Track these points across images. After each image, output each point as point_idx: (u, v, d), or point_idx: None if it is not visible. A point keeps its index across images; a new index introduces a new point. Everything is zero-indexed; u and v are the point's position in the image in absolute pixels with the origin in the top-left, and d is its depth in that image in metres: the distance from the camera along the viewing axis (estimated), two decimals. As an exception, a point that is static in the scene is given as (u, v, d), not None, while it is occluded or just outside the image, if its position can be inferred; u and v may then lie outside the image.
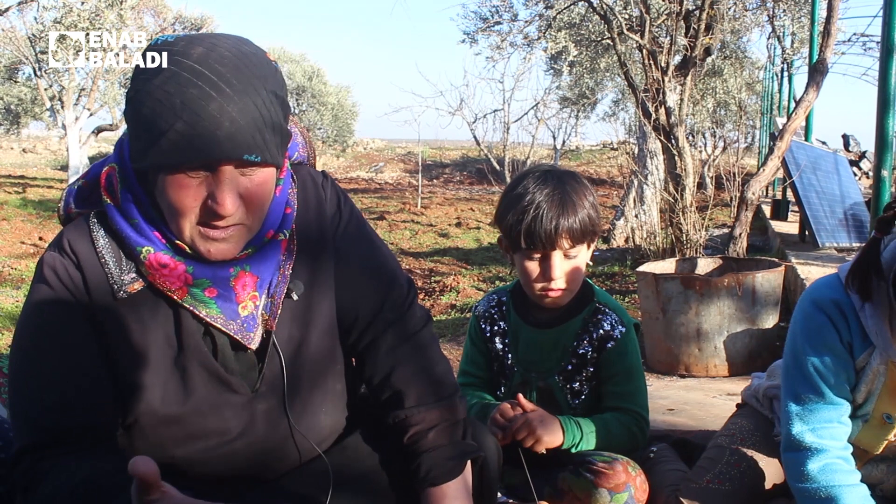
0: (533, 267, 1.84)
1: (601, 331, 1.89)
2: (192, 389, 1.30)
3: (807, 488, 1.57)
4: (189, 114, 1.14)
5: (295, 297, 1.35)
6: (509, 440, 1.77)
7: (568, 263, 1.83)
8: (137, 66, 1.21)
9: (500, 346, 1.99)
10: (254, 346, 1.32)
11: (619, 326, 1.90)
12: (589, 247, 1.88)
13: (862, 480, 1.59)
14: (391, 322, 1.44)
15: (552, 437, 1.79)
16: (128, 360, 1.27)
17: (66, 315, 1.25)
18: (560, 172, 1.88)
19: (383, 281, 1.46)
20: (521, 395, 1.83)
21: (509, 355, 1.97)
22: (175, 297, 1.26)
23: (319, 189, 1.43)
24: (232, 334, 1.29)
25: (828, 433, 1.59)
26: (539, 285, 1.85)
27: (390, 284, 1.46)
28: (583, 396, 1.92)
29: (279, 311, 1.34)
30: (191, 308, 1.27)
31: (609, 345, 1.88)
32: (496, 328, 2.00)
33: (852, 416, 1.63)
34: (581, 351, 1.90)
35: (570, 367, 1.91)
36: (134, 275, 1.26)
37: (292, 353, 1.37)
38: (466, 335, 2.08)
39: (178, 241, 1.24)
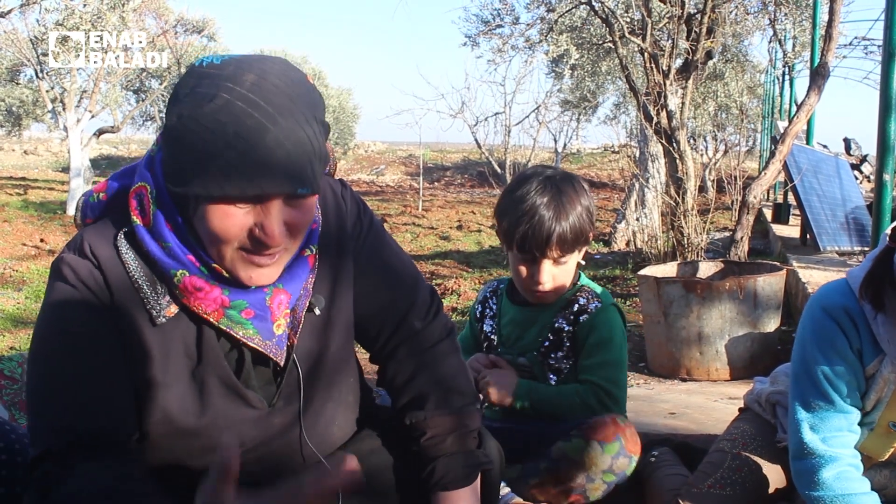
0: (524, 269, 1.92)
1: (577, 305, 1.96)
2: (209, 403, 1.28)
3: (821, 497, 1.57)
4: (243, 145, 1.10)
5: (317, 311, 1.34)
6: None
7: (557, 269, 1.91)
8: (179, 87, 1.17)
9: (487, 327, 2.08)
10: (282, 361, 1.30)
11: (595, 302, 1.96)
12: (580, 251, 1.95)
13: None
14: (417, 330, 1.45)
15: (500, 390, 1.90)
16: (146, 368, 1.25)
17: (86, 314, 1.22)
18: (560, 179, 1.92)
19: (407, 289, 1.46)
20: (495, 357, 1.96)
21: (494, 336, 2.06)
22: (211, 320, 1.23)
23: (339, 199, 1.42)
24: (268, 353, 1.28)
25: (838, 441, 1.58)
26: (528, 285, 1.93)
27: (414, 292, 1.46)
28: (562, 374, 1.96)
29: (300, 326, 1.32)
30: (227, 329, 1.24)
31: (583, 318, 1.94)
32: (488, 311, 2.10)
33: (859, 424, 1.63)
34: (558, 325, 1.96)
35: (547, 344, 1.96)
36: (169, 298, 1.24)
37: (310, 367, 1.37)
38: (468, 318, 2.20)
39: (214, 265, 1.21)
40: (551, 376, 1.96)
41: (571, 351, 1.96)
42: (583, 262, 2.00)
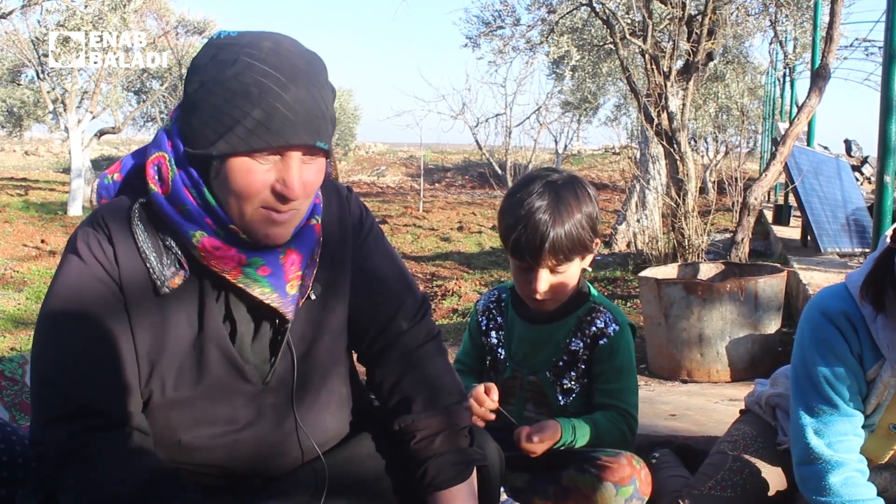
0: (520, 275, 1.87)
1: (594, 328, 1.90)
2: (206, 371, 1.32)
3: (828, 502, 1.56)
4: (267, 102, 1.19)
5: (313, 296, 1.38)
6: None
7: (555, 278, 1.83)
8: (198, 58, 1.25)
9: (494, 339, 2.01)
10: (291, 316, 1.34)
11: (613, 324, 1.90)
12: (582, 259, 1.87)
13: None
14: (403, 331, 1.48)
15: (547, 443, 1.79)
16: (148, 336, 1.29)
17: (97, 289, 1.27)
18: (563, 184, 1.84)
19: (398, 292, 1.49)
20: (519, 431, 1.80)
21: (502, 349, 1.99)
22: (228, 278, 1.28)
23: (344, 201, 1.48)
24: (284, 312, 1.32)
25: (844, 446, 1.58)
26: (525, 292, 1.88)
27: (405, 296, 1.50)
28: (573, 395, 1.92)
29: (308, 291, 1.37)
30: (244, 287, 1.29)
31: (602, 341, 1.89)
32: (492, 323, 2.03)
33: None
34: (573, 347, 1.91)
35: (561, 364, 1.91)
36: (174, 269, 1.29)
37: (304, 352, 1.40)
38: (466, 328, 2.11)
39: (231, 226, 1.27)
40: (560, 396, 1.92)
41: (586, 373, 1.91)
42: (589, 269, 1.94)
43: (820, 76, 5.43)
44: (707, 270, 4.62)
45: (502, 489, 1.79)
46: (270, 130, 1.19)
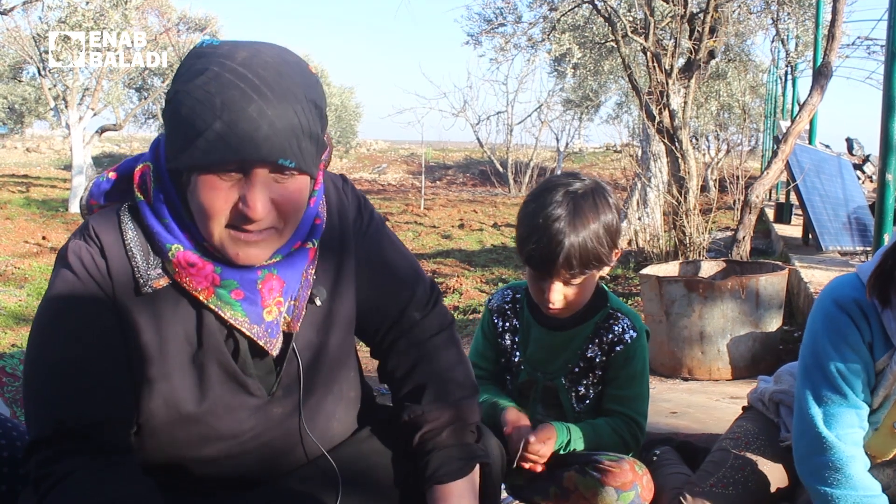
0: (535, 283, 1.85)
1: (612, 334, 1.89)
2: (208, 388, 1.29)
3: (844, 495, 1.55)
4: (228, 114, 1.12)
5: (318, 302, 1.34)
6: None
7: (569, 289, 1.81)
8: (179, 67, 1.20)
9: (509, 342, 1.99)
10: (275, 352, 1.31)
11: (631, 331, 1.89)
12: (599, 270, 1.83)
13: None
14: (416, 321, 1.46)
15: (548, 445, 1.79)
16: (145, 354, 1.26)
17: (89, 303, 1.23)
18: (584, 194, 1.79)
19: (407, 281, 1.47)
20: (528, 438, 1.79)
21: (517, 353, 1.97)
22: (200, 298, 1.24)
23: (340, 193, 1.43)
24: (255, 339, 1.28)
25: (851, 439, 1.57)
26: (540, 300, 1.86)
27: (414, 284, 1.47)
28: (588, 401, 1.91)
29: (302, 314, 1.33)
30: (215, 309, 1.25)
31: (618, 348, 1.88)
32: (507, 325, 2.00)
33: None
34: (590, 354, 1.90)
35: (577, 370, 1.90)
36: (160, 270, 1.25)
37: (310, 359, 1.37)
38: (478, 327, 2.07)
39: (206, 244, 1.23)
40: (575, 403, 1.92)
41: (602, 380, 1.91)
42: (607, 277, 1.96)
43: (822, 74, 5.42)
44: (708, 268, 4.61)
45: (503, 487, 1.80)
46: (229, 145, 1.12)
